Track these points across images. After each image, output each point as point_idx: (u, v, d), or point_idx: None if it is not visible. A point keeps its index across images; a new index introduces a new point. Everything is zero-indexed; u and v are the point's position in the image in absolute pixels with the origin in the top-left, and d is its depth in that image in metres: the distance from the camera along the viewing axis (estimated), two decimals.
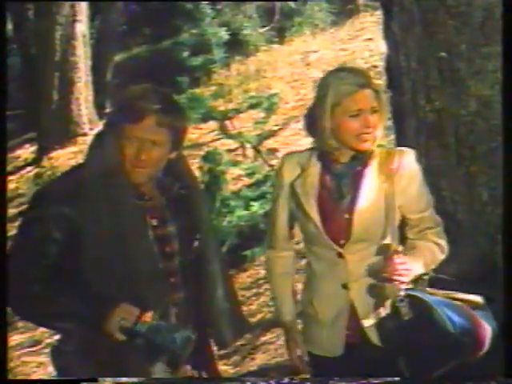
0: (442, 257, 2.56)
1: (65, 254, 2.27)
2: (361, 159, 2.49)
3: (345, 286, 2.51)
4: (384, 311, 2.48)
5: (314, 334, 2.61)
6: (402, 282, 2.42)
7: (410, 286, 2.46)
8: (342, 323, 2.52)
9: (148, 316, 2.23)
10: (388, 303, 2.46)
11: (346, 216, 2.48)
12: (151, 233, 2.34)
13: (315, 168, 2.52)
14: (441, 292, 2.50)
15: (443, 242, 2.57)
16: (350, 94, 2.42)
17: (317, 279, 2.57)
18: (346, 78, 2.44)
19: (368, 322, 2.49)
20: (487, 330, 2.45)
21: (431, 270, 2.56)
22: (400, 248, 2.47)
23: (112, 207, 2.29)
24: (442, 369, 2.41)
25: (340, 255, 2.49)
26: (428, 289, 2.51)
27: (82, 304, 2.25)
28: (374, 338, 2.49)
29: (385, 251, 2.46)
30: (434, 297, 2.46)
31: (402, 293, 2.42)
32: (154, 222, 2.36)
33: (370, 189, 2.48)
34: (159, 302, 2.32)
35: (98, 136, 2.38)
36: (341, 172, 2.50)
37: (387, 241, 2.49)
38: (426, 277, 2.54)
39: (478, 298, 2.51)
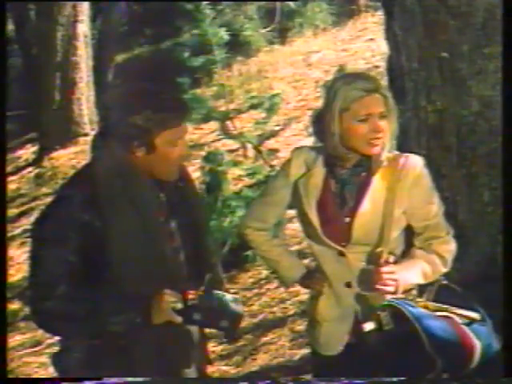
0: (443, 270, 2.52)
1: (88, 259, 2.26)
2: (366, 165, 2.48)
3: (348, 285, 2.51)
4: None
5: (315, 331, 2.61)
6: (387, 292, 2.40)
7: (398, 296, 2.42)
8: (346, 322, 2.52)
9: (191, 293, 2.26)
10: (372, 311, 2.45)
11: (347, 220, 2.48)
12: (164, 228, 2.37)
13: (320, 170, 2.52)
14: (432, 304, 2.48)
15: (448, 254, 2.53)
16: (359, 99, 2.42)
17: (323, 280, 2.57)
18: (354, 82, 2.44)
19: (369, 326, 2.48)
20: (475, 345, 2.41)
21: (439, 278, 2.53)
22: (391, 258, 2.44)
23: (132, 206, 2.29)
24: (417, 378, 2.40)
25: (341, 254, 2.49)
26: (419, 300, 2.49)
27: (125, 305, 2.26)
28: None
29: (375, 259, 2.44)
30: (417, 309, 2.42)
31: (385, 303, 2.41)
32: (162, 218, 2.38)
33: (373, 195, 2.46)
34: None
35: (100, 136, 2.37)
36: (345, 177, 2.49)
37: (383, 248, 2.45)
38: (433, 286, 2.52)
39: (474, 314, 2.47)
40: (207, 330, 2.47)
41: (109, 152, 2.31)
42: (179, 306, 2.24)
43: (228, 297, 2.29)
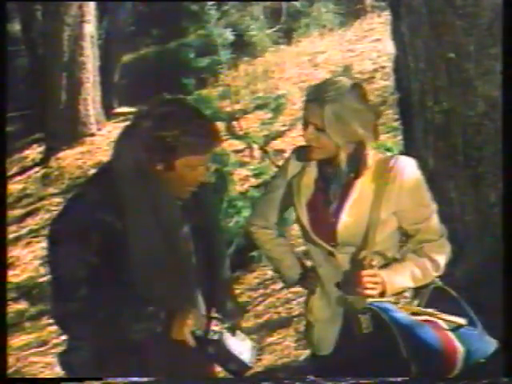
0: (435, 274, 2.50)
1: (108, 260, 2.24)
2: (355, 166, 2.45)
3: (338, 286, 2.50)
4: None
5: (309, 332, 2.63)
6: (370, 295, 2.38)
7: (382, 299, 2.40)
8: (336, 323, 2.52)
9: (215, 324, 2.28)
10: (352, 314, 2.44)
11: (333, 220, 2.47)
12: (179, 232, 2.36)
13: (313, 169, 2.51)
14: (417, 308, 2.46)
15: (440, 258, 2.49)
16: (304, 105, 2.45)
17: (316, 279, 2.58)
18: (311, 87, 2.47)
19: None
20: (458, 350, 2.38)
21: (434, 280, 2.51)
22: (375, 260, 2.42)
23: (153, 207, 2.28)
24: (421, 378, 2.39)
25: (331, 254, 2.49)
26: (405, 304, 2.47)
27: (147, 313, 2.26)
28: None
29: (358, 262, 2.43)
30: (398, 313, 2.40)
31: (366, 306, 2.40)
32: (177, 222, 2.37)
33: (358, 196, 2.45)
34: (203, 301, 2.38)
35: (123, 137, 2.34)
36: (331, 177, 2.48)
37: (369, 249, 2.44)
38: (426, 289, 2.50)
39: (460, 320, 2.44)
40: None
41: (130, 154, 2.28)
42: (199, 332, 2.27)
43: (247, 343, 2.33)
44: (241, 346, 2.30)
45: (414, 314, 2.45)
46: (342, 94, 2.39)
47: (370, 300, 2.40)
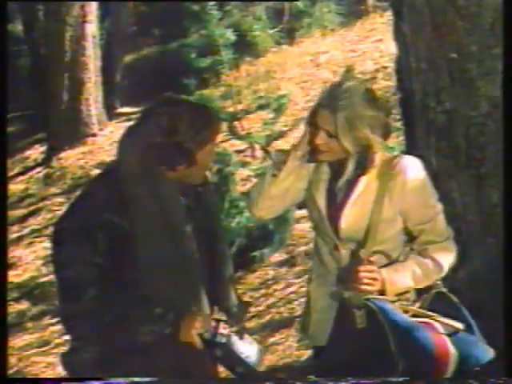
0: (437, 276, 2.50)
1: (115, 261, 2.24)
2: (362, 164, 2.47)
3: (339, 280, 2.50)
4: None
5: (305, 322, 2.64)
6: (366, 290, 2.40)
7: (380, 297, 2.41)
8: (332, 314, 2.51)
9: (224, 327, 2.30)
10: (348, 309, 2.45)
11: (337, 215, 2.49)
12: (182, 231, 2.37)
13: (325, 165, 2.54)
14: (414, 309, 2.46)
15: (444, 260, 2.48)
16: (314, 107, 2.46)
17: (318, 269, 2.59)
18: (323, 92, 2.47)
19: None
20: (450, 354, 2.38)
21: (437, 284, 2.52)
22: (373, 257, 2.43)
23: (159, 207, 2.29)
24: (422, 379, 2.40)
25: (336, 247, 2.50)
26: (404, 304, 2.46)
27: (155, 315, 2.27)
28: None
29: (356, 258, 2.44)
30: (395, 312, 2.40)
31: (363, 301, 2.40)
32: (180, 221, 2.38)
33: (362, 194, 2.46)
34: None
35: (129, 138, 2.34)
36: (339, 174, 2.50)
37: (372, 246, 2.45)
38: (428, 293, 2.50)
39: (457, 324, 2.44)
40: None
41: (137, 155, 2.28)
42: (207, 335, 2.29)
43: (254, 346, 2.35)
44: (248, 350, 2.32)
45: (413, 315, 2.45)
46: (355, 102, 2.41)
47: (368, 296, 2.41)
